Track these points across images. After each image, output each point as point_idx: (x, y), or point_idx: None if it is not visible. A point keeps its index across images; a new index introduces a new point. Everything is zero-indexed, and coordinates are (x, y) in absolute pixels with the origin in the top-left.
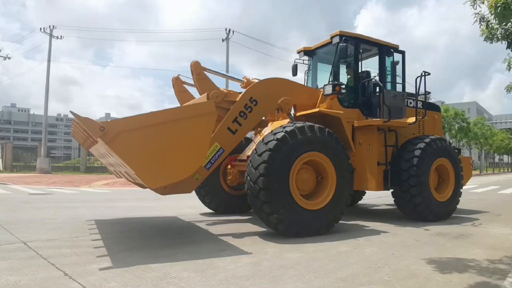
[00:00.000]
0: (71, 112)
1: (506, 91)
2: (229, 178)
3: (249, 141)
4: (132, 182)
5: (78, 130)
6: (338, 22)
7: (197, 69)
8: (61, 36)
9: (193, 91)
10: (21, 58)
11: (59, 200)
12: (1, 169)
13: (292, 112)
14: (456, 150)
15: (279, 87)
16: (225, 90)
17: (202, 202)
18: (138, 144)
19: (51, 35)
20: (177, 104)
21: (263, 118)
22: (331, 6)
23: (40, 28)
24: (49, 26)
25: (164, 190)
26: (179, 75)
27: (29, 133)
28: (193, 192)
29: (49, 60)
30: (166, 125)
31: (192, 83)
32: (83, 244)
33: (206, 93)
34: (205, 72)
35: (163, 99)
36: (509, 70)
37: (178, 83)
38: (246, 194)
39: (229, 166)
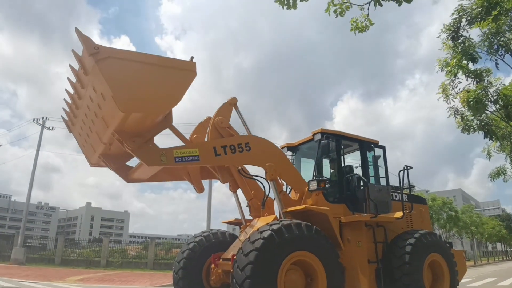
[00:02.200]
0: (76, 29)
1: (490, 180)
2: (212, 278)
3: (233, 237)
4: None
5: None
6: (316, 113)
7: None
8: (53, 127)
9: None
10: (7, 144)
11: None
12: None
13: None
14: (448, 244)
15: (275, 154)
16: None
17: None
18: (121, 72)
19: (43, 126)
20: None
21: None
22: (307, 98)
23: (34, 119)
24: (42, 118)
25: (132, 145)
26: None
27: (7, 220)
28: None
29: (38, 151)
30: (149, 66)
31: None
32: None
33: (210, 117)
34: None
35: (144, 188)
36: (489, 158)
37: None
38: None
39: (212, 265)
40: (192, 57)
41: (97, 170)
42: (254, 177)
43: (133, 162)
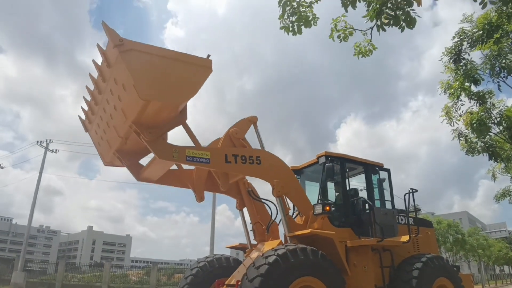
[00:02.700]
0: (103, 22)
1: (495, 201)
2: None
3: (237, 263)
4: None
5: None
6: (320, 135)
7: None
8: (56, 150)
9: None
10: (9, 166)
11: None
12: None
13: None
14: (455, 268)
15: (285, 172)
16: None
17: None
18: (142, 63)
19: (46, 148)
20: None
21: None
22: (311, 120)
23: (37, 142)
24: (46, 140)
25: (149, 136)
26: None
27: (8, 243)
28: None
29: (40, 173)
30: (169, 60)
31: None
32: None
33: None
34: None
35: (147, 211)
36: (494, 180)
37: None
38: None
39: None
40: (209, 55)
41: (98, 193)
42: (263, 200)
43: (145, 161)
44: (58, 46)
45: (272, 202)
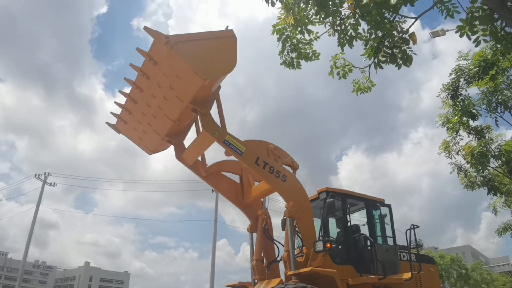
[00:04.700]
0: (145, 27)
1: (497, 235)
2: None
3: None
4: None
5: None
6: (321, 167)
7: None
8: (55, 184)
9: None
10: (3, 199)
11: None
12: None
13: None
14: None
15: (303, 201)
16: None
17: None
18: (190, 50)
19: (44, 182)
20: None
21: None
22: (312, 153)
23: (36, 175)
24: (44, 173)
25: (205, 109)
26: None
27: (2, 278)
28: None
29: (37, 207)
30: (206, 41)
31: None
32: None
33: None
34: None
35: (145, 247)
36: (495, 214)
37: None
38: None
39: None
40: (227, 26)
41: (95, 227)
42: (275, 241)
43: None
44: (58, 76)
45: (281, 243)
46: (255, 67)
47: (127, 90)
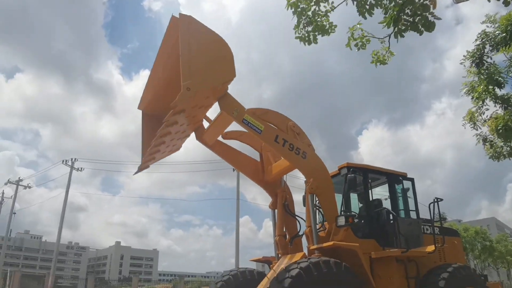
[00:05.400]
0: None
1: None
2: None
3: (261, 276)
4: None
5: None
6: (340, 143)
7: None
8: (82, 168)
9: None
10: (34, 185)
11: None
12: None
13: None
14: (483, 277)
15: (324, 176)
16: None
17: None
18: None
19: (72, 167)
20: None
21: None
22: (330, 129)
23: (63, 161)
24: (71, 159)
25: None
26: None
27: (38, 260)
28: None
29: (67, 192)
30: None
31: None
32: None
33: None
34: None
35: (171, 225)
36: None
37: None
38: None
39: None
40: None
41: (122, 208)
42: (297, 217)
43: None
44: (75, 63)
45: (302, 218)
46: (269, 44)
47: (144, 73)
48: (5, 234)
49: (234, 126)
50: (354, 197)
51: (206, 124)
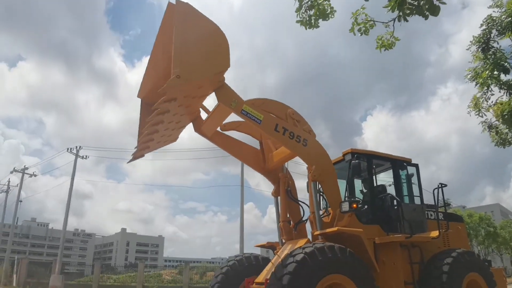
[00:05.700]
0: None
1: None
2: None
3: (266, 261)
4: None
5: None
6: (344, 129)
7: None
8: (86, 156)
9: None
10: (39, 174)
11: None
12: (14, 285)
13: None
14: (486, 263)
15: (326, 163)
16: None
17: None
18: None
19: (77, 155)
20: None
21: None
22: (335, 115)
23: (68, 148)
24: (76, 147)
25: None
26: None
27: (45, 247)
28: None
29: (72, 179)
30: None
31: None
32: None
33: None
34: None
35: (176, 212)
36: None
37: None
38: None
39: None
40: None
41: (127, 195)
42: (300, 202)
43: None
44: (77, 51)
45: (305, 204)
46: (274, 30)
47: (147, 59)
48: (12, 222)
49: (232, 117)
50: (358, 183)
51: (204, 115)
